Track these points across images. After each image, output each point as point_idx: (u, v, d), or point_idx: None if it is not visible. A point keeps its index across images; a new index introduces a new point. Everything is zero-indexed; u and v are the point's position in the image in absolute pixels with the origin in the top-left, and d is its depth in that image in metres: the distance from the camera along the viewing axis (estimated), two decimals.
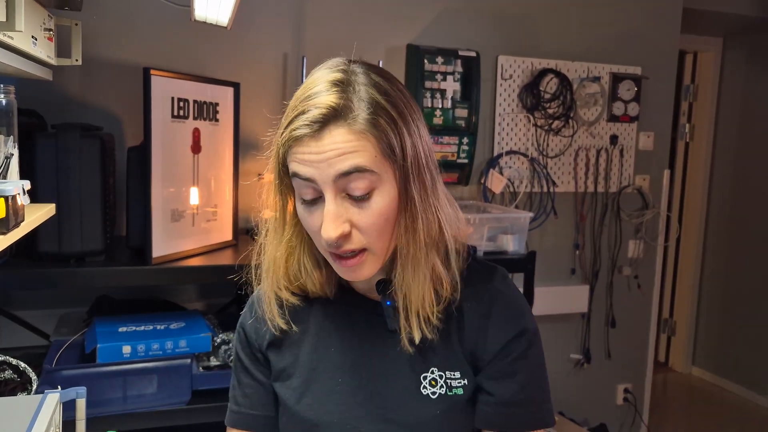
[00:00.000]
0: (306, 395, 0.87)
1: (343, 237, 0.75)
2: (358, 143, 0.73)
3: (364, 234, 0.76)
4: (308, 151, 0.73)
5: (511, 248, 2.16)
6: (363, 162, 0.73)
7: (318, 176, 0.74)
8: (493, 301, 0.84)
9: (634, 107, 2.81)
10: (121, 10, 2.05)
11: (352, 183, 0.74)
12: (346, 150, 0.73)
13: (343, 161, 0.73)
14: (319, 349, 0.88)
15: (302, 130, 0.73)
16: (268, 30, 2.25)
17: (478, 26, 2.56)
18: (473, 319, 0.84)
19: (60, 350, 1.68)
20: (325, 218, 0.74)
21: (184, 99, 1.75)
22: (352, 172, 0.73)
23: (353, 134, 0.73)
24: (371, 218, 0.75)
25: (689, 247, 4.10)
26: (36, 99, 1.86)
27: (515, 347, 0.82)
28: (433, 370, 0.83)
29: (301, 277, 0.87)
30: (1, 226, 0.90)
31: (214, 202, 1.92)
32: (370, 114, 0.73)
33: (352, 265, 0.78)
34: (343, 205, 0.75)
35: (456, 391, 0.83)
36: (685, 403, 3.82)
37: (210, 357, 1.79)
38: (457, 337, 0.84)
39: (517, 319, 0.84)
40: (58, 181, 1.60)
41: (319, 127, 0.73)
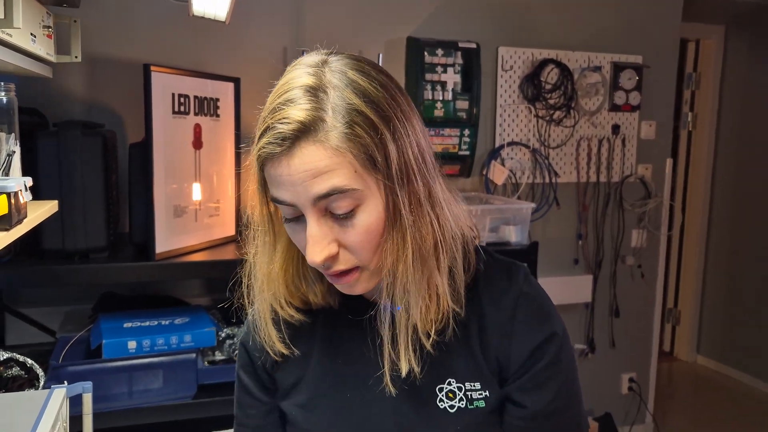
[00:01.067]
0: (314, 412, 0.82)
1: (331, 258, 0.70)
2: (334, 160, 0.65)
3: (353, 253, 0.70)
4: (282, 172, 0.67)
5: (514, 239, 2.16)
6: (341, 182, 0.66)
7: (296, 200, 0.68)
8: (517, 304, 0.77)
9: (636, 96, 2.80)
10: (119, 7, 2.05)
11: (333, 203, 0.67)
12: (320, 170, 0.65)
13: (319, 183, 0.66)
14: (326, 362, 0.82)
15: (270, 148, 0.67)
16: (267, 24, 2.25)
17: (477, 18, 2.55)
18: (496, 323, 0.77)
19: (66, 346, 1.70)
20: (308, 243, 0.68)
21: (184, 95, 1.76)
22: (330, 194, 0.66)
23: (327, 151, 0.65)
24: (358, 236, 0.69)
25: (693, 236, 4.10)
26: (37, 98, 1.87)
27: (545, 353, 0.75)
28: (451, 381, 0.76)
29: (302, 288, 0.80)
30: (3, 222, 0.91)
31: (216, 198, 1.92)
32: (345, 125, 0.65)
33: (347, 282, 0.73)
34: (326, 224, 0.69)
35: (477, 403, 0.76)
36: (690, 392, 3.83)
37: (215, 351, 1.80)
38: (478, 342, 0.77)
39: (543, 322, 0.77)
40: (60, 179, 1.61)
41: (290, 145, 0.66)
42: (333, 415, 0.80)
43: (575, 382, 0.79)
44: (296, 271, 0.80)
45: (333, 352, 0.82)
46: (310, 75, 0.68)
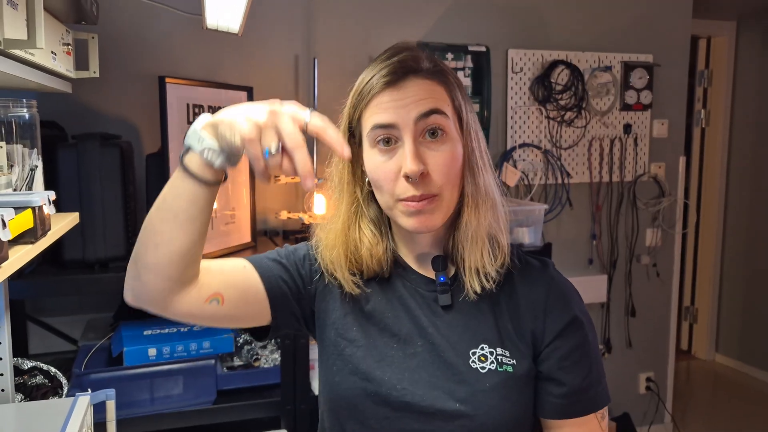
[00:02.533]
0: (361, 349, 0.89)
1: (422, 176, 0.81)
2: (436, 90, 0.83)
3: (438, 176, 0.82)
4: (389, 98, 0.82)
5: (527, 240, 2.17)
6: (439, 105, 0.82)
7: (399, 120, 0.81)
8: (550, 287, 0.89)
9: (647, 95, 2.80)
10: (135, 22, 2.09)
11: (430, 123, 0.82)
12: (424, 95, 0.82)
13: (424, 104, 0.81)
14: (375, 315, 0.91)
15: (382, 81, 0.82)
16: (278, 33, 2.28)
17: (487, 21, 2.56)
18: (530, 302, 0.88)
19: (88, 354, 1.73)
20: (407, 156, 0.80)
21: (199, 105, 1.79)
22: (431, 112, 0.81)
23: (429, 83, 0.83)
24: (444, 159, 0.82)
25: (709, 234, 4.07)
26: (56, 111, 1.91)
27: (576, 333, 0.87)
28: (483, 346, 0.87)
29: (359, 251, 0.90)
30: (29, 236, 0.93)
31: (231, 206, 1.95)
32: (440, 71, 0.85)
33: (423, 208, 0.82)
34: (420, 147, 0.82)
35: (506, 368, 0.86)
36: (709, 391, 3.80)
37: (233, 357, 1.82)
38: (509, 320, 0.88)
39: (574, 305, 0.88)
40: (80, 190, 1.64)
41: (398, 78, 0.82)
42: (377, 358, 0.88)
43: (600, 361, 0.90)
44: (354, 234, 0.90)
45: (381, 309, 0.91)
46: (405, 43, 0.88)
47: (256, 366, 1.80)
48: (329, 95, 2.26)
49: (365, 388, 0.87)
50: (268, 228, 2.29)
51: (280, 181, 2.12)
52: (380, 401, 0.86)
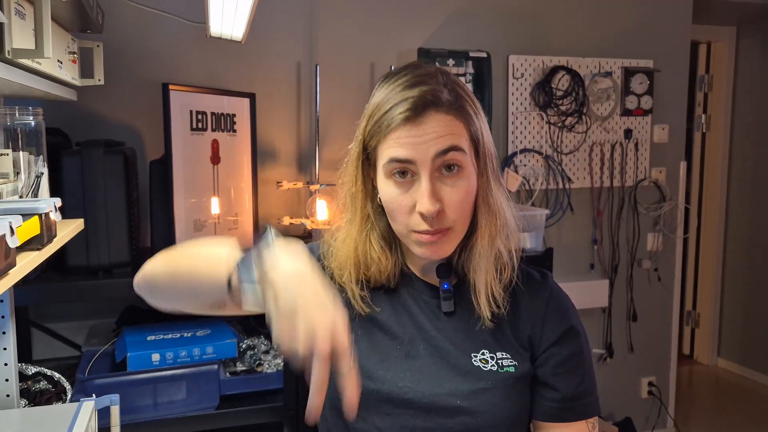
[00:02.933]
0: (364, 350, 0.91)
1: (437, 213, 0.82)
2: (455, 125, 0.82)
3: (453, 212, 0.83)
4: (408, 134, 0.81)
5: (528, 246, 2.18)
6: (458, 141, 0.82)
7: (417, 156, 0.81)
8: (550, 296, 0.93)
9: (648, 100, 2.81)
10: (139, 30, 2.11)
11: (448, 161, 0.82)
12: (443, 132, 0.81)
13: (442, 141, 0.81)
14: (379, 319, 0.93)
15: (401, 116, 0.81)
16: (281, 40, 2.30)
17: (487, 27, 2.58)
18: (530, 309, 0.92)
19: (92, 360, 1.73)
20: (423, 195, 0.81)
21: (202, 112, 1.80)
22: (449, 150, 0.81)
23: (449, 119, 0.82)
24: (460, 195, 0.83)
25: (710, 238, 4.07)
26: (60, 118, 1.92)
27: (571, 342, 0.90)
28: (484, 351, 0.89)
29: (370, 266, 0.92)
30: (35, 242, 0.94)
31: (234, 211, 1.96)
32: (459, 101, 0.83)
33: (436, 240, 0.84)
34: (436, 184, 0.83)
35: (507, 369, 0.88)
36: (711, 396, 3.79)
37: (236, 362, 1.83)
38: (509, 326, 0.91)
39: (570, 316, 0.92)
40: (84, 197, 1.65)
41: (417, 113, 0.81)
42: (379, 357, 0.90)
43: (593, 373, 0.94)
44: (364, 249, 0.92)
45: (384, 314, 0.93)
46: (427, 66, 0.86)
47: (259, 371, 1.81)
48: (331, 102, 2.28)
49: (367, 386, 0.88)
50: None
51: (283, 186, 2.14)
52: (382, 398, 0.88)
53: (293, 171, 2.33)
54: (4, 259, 0.77)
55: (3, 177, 1.07)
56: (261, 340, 1.89)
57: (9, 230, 0.77)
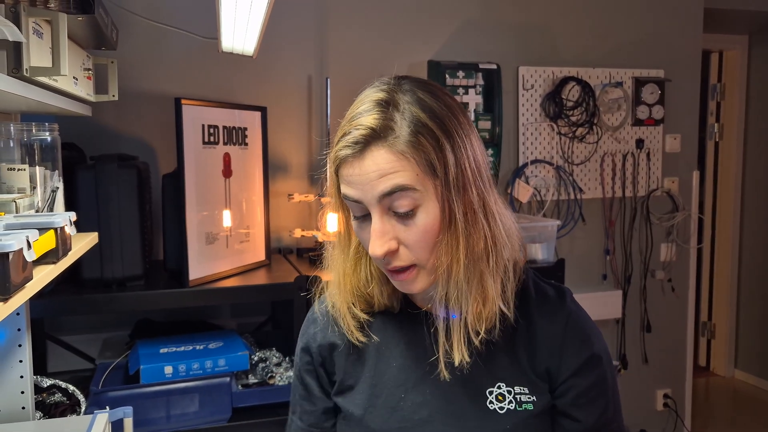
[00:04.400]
0: (370, 410, 0.87)
1: (391, 254, 0.77)
2: (399, 163, 0.75)
3: (411, 250, 0.78)
4: (352, 172, 0.76)
5: (540, 257, 2.17)
6: (404, 181, 0.74)
7: (363, 197, 0.77)
8: (567, 322, 0.84)
9: (659, 110, 2.80)
10: (152, 46, 2.14)
11: (395, 201, 0.75)
12: (387, 171, 0.75)
13: (385, 182, 0.75)
14: (380, 364, 0.88)
15: (345, 152, 0.77)
16: (292, 54, 2.32)
17: (497, 38, 2.59)
18: (547, 337, 0.84)
19: (105, 372, 1.75)
20: (372, 236, 0.77)
21: (214, 125, 1.82)
22: (394, 191, 0.75)
23: (394, 155, 0.74)
24: (416, 235, 0.77)
25: (724, 248, 4.03)
26: (75, 133, 1.95)
27: (593, 370, 0.83)
28: (501, 385, 0.83)
29: (369, 287, 0.87)
30: (51, 256, 0.96)
31: (246, 224, 1.97)
32: (411, 134, 0.74)
33: (404, 279, 0.80)
34: (389, 222, 0.77)
35: (526, 406, 0.82)
36: (728, 408, 3.74)
37: (248, 375, 1.83)
38: (525, 354, 0.84)
39: (591, 341, 0.85)
40: (98, 211, 1.67)
41: (361, 149, 0.75)
42: (387, 416, 0.86)
43: (618, 397, 0.87)
44: (365, 271, 0.87)
45: (387, 355, 0.89)
46: (383, 91, 0.78)
47: (270, 383, 1.81)
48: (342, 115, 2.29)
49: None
50: (282, 246, 2.31)
51: (294, 199, 2.15)
52: None
53: (304, 183, 2.34)
54: (21, 273, 0.78)
55: (20, 191, 1.09)
56: (273, 353, 1.90)
57: (26, 244, 0.78)
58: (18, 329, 1.29)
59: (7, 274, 0.73)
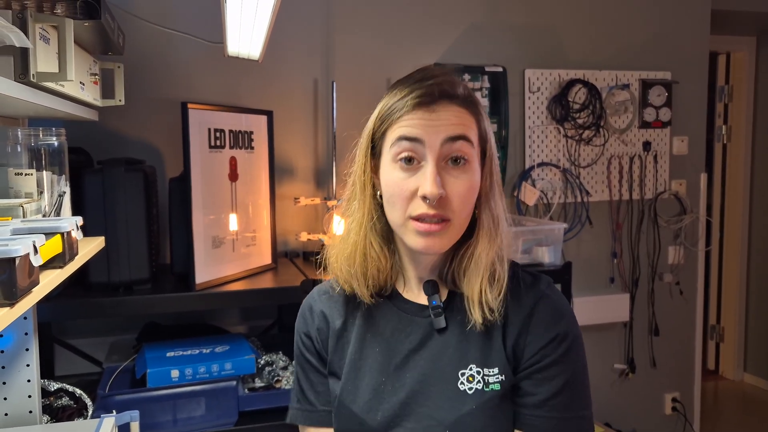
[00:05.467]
0: (354, 393, 0.91)
1: (439, 200, 0.82)
2: (466, 118, 0.85)
3: (455, 202, 0.83)
4: (421, 117, 0.83)
5: (547, 260, 2.16)
6: (468, 133, 0.84)
7: (427, 138, 0.82)
8: (537, 304, 0.88)
9: (666, 112, 2.79)
10: (159, 51, 2.15)
11: (455, 149, 0.83)
12: (456, 121, 0.83)
13: (454, 129, 0.83)
14: (365, 349, 0.93)
15: (417, 99, 0.83)
16: (297, 58, 2.33)
17: (503, 41, 2.58)
18: (517, 319, 0.88)
19: (112, 376, 1.75)
20: (428, 178, 0.82)
21: (220, 129, 1.83)
22: (459, 138, 0.83)
23: (463, 110, 0.84)
24: (463, 187, 0.84)
25: (733, 251, 4.01)
26: (83, 137, 1.96)
27: (555, 350, 0.86)
28: (472, 366, 0.87)
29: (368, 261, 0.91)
30: (58, 261, 0.96)
31: (252, 228, 1.98)
32: (472, 100, 0.86)
33: (435, 231, 0.83)
34: (441, 173, 0.83)
35: (493, 387, 0.86)
36: (738, 411, 3.71)
37: (255, 378, 1.83)
38: (500, 334, 0.88)
39: (557, 322, 0.87)
40: (105, 214, 1.68)
41: (431, 100, 0.83)
42: (368, 398, 0.90)
43: (582, 384, 0.88)
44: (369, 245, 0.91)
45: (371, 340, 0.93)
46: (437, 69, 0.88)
47: (277, 387, 1.81)
48: (348, 118, 2.29)
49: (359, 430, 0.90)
50: (288, 249, 2.31)
51: (300, 203, 2.15)
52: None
53: (311, 187, 2.34)
54: (27, 278, 0.78)
55: (27, 196, 1.09)
56: (279, 356, 1.90)
57: (33, 249, 0.78)
58: (25, 333, 1.30)
59: (14, 279, 0.73)
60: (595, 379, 2.76)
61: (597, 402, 0.89)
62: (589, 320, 2.71)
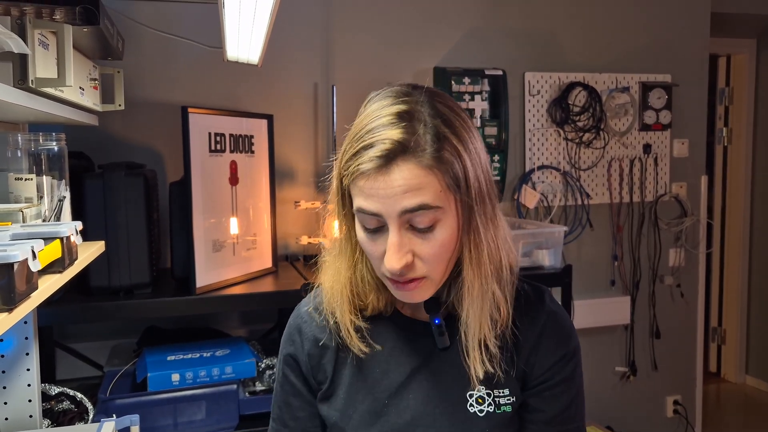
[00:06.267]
0: (353, 416, 0.88)
1: (406, 267, 0.77)
2: (425, 179, 0.74)
3: (426, 263, 0.78)
4: (375, 186, 0.74)
5: (547, 263, 2.16)
6: (429, 199, 0.74)
7: (384, 210, 0.75)
8: (546, 321, 0.87)
9: (666, 115, 2.79)
10: (158, 55, 2.16)
11: (417, 217, 0.75)
12: (413, 186, 0.74)
13: (411, 198, 0.74)
14: (364, 370, 0.89)
15: (369, 164, 0.74)
16: (297, 62, 2.33)
17: (503, 44, 2.59)
18: (528, 338, 0.86)
19: (113, 380, 1.75)
20: (389, 250, 0.76)
21: (220, 133, 1.83)
22: (418, 209, 0.74)
23: (420, 170, 0.74)
24: (433, 249, 0.77)
25: (734, 253, 4.00)
26: (83, 141, 1.97)
27: (564, 368, 0.86)
28: (480, 388, 0.84)
29: (366, 295, 0.87)
30: (57, 265, 0.96)
31: (253, 231, 1.98)
32: (436, 148, 0.74)
33: (411, 290, 0.80)
34: (406, 236, 0.77)
35: (504, 408, 0.84)
36: (740, 414, 3.70)
37: (255, 382, 1.83)
38: (509, 354, 0.85)
39: (567, 339, 0.87)
40: (106, 218, 1.69)
41: (386, 162, 0.73)
42: (371, 420, 0.87)
43: (583, 397, 0.89)
44: (361, 277, 0.87)
45: (370, 361, 0.89)
46: (402, 102, 0.77)
47: None
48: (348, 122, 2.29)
49: None
50: (289, 253, 2.31)
51: (301, 206, 2.15)
52: None
53: (311, 191, 2.35)
54: (26, 283, 0.78)
55: (27, 201, 1.09)
56: None
57: (31, 254, 0.79)
58: (25, 338, 1.30)
59: (12, 284, 0.73)
60: (597, 382, 2.78)
61: (598, 405, 0.90)
62: (590, 323, 2.71)
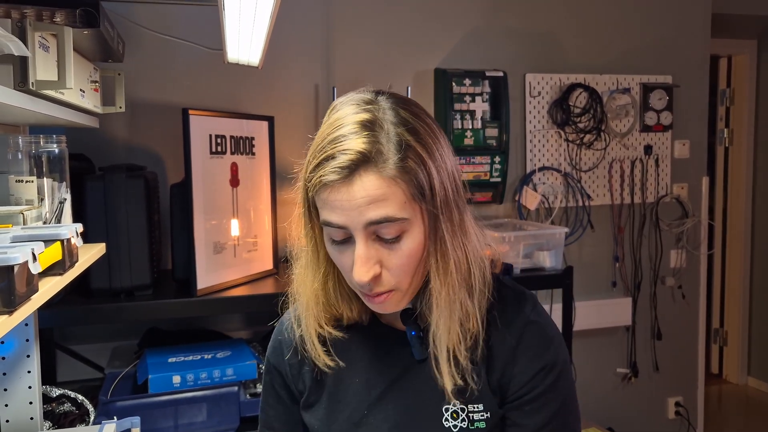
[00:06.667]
0: (333, 425, 0.87)
1: (374, 279, 0.76)
2: (389, 190, 0.72)
3: (393, 274, 0.77)
4: (338, 198, 0.73)
5: (548, 264, 2.16)
6: (393, 211, 0.73)
7: (349, 223, 0.74)
8: (523, 332, 0.82)
9: (667, 116, 2.79)
10: (159, 57, 2.16)
11: (382, 229, 0.74)
12: (377, 198, 0.72)
13: (375, 209, 0.72)
14: (345, 380, 0.88)
15: (331, 176, 0.72)
16: (298, 64, 2.33)
17: (503, 46, 2.59)
18: (502, 349, 0.82)
19: (114, 382, 1.75)
20: (356, 262, 0.75)
21: (221, 135, 1.83)
22: (383, 221, 0.73)
23: (384, 180, 0.72)
24: (401, 259, 0.76)
25: (736, 254, 4.00)
26: (84, 143, 1.97)
27: (543, 380, 0.81)
28: (456, 402, 0.82)
29: (339, 306, 0.86)
30: (57, 267, 0.97)
31: (254, 233, 1.98)
32: (399, 157, 0.72)
33: (381, 302, 0.79)
34: (373, 247, 0.75)
35: (478, 425, 0.82)
36: (742, 416, 3.70)
37: (256, 384, 1.83)
38: (484, 365, 0.82)
39: (545, 351, 0.82)
40: (107, 221, 1.69)
41: (349, 173, 0.72)
42: (350, 428, 0.86)
43: (572, 410, 0.84)
44: (334, 288, 0.85)
45: (351, 371, 0.88)
46: (365, 111, 0.76)
47: None
48: None
49: None
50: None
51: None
52: None
53: None
54: (26, 285, 0.78)
55: (28, 203, 1.10)
56: None
57: (32, 257, 0.79)
58: (26, 340, 1.30)
59: (12, 286, 0.73)
60: (598, 384, 2.78)
61: (599, 406, 0.88)
62: (591, 325, 2.71)
